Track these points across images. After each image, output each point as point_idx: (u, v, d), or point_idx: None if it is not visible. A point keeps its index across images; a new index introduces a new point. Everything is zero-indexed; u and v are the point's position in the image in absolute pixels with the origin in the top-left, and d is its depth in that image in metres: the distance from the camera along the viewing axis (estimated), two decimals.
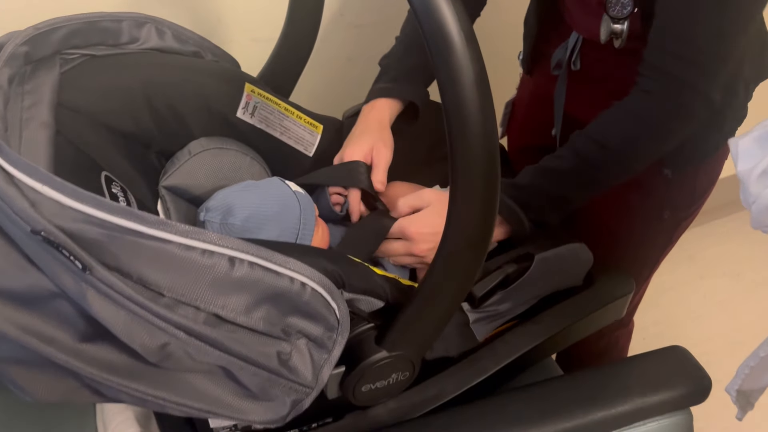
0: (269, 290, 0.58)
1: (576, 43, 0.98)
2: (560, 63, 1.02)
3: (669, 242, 1.13)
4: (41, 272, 0.54)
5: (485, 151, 0.57)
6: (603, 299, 0.93)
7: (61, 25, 0.74)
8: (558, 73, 1.03)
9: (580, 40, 0.97)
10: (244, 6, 1.31)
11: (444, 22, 0.52)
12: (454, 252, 0.61)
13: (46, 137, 0.67)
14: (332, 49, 1.45)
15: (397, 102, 0.98)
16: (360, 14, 1.45)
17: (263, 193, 0.79)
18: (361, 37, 1.46)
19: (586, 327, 0.94)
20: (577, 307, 0.91)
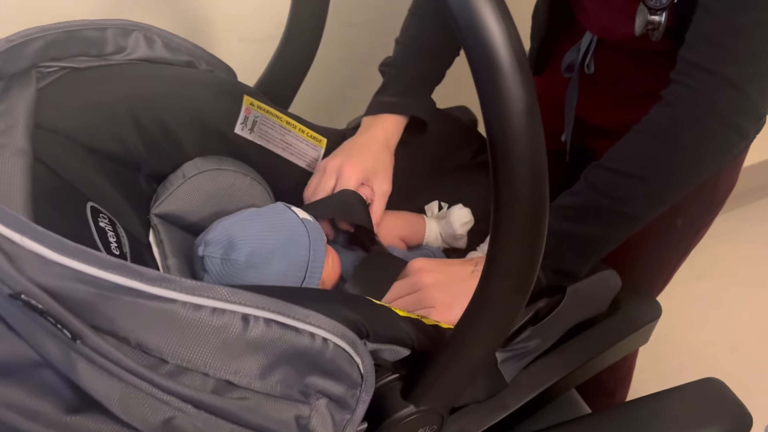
0: (288, 350, 0.51)
1: (590, 44, 0.91)
2: (572, 65, 0.96)
3: (684, 252, 1.08)
4: (21, 339, 0.46)
5: (533, 189, 0.50)
6: (630, 326, 0.87)
7: (37, 36, 0.65)
8: (569, 75, 0.97)
9: (594, 41, 0.91)
10: (230, 4, 1.22)
11: (492, 41, 0.45)
12: (494, 298, 0.54)
13: (22, 167, 0.58)
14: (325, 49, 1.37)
15: (404, 118, 0.92)
16: (354, 12, 1.37)
17: (268, 223, 0.71)
18: (355, 37, 1.38)
19: (612, 356, 0.88)
20: (604, 335, 0.85)
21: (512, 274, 0.53)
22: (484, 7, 0.45)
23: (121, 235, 0.65)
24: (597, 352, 0.84)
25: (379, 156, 0.89)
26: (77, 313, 0.46)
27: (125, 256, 0.64)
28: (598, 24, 0.89)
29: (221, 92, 0.80)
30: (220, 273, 0.68)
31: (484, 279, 0.54)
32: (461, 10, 0.45)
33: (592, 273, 0.79)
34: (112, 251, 0.62)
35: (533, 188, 0.50)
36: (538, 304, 0.72)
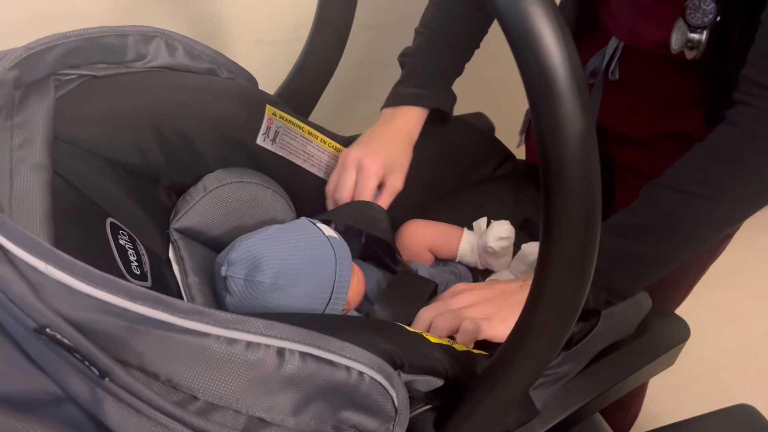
0: (323, 384, 0.48)
1: (615, 50, 0.89)
2: (596, 71, 0.93)
3: (705, 264, 1.05)
4: (45, 374, 0.43)
5: (586, 218, 0.47)
6: (660, 348, 0.84)
7: (57, 43, 0.62)
8: (593, 81, 0.94)
9: (620, 47, 0.88)
10: (246, 6, 1.20)
11: (551, 64, 0.42)
12: (538, 330, 0.52)
13: (41, 183, 0.55)
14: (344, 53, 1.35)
15: (425, 110, 0.90)
16: (373, 15, 1.34)
17: (293, 242, 0.68)
18: (374, 40, 1.35)
19: (639, 378, 0.86)
20: (633, 357, 0.83)
21: (558, 307, 0.51)
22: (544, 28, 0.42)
23: (141, 253, 0.62)
24: (624, 375, 0.82)
25: (400, 151, 0.87)
26: (104, 347, 0.43)
27: (146, 275, 0.61)
28: (626, 29, 0.87)
29: (243, 101, 0.77)
30: (243, 294, 0.65)
31: (529, 308, 0.51)
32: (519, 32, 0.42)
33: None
34: (132, 270, 0.59)
35: (586, 216, 0.47)
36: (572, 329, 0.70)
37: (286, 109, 0.81)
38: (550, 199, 0.46)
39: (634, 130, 0.91)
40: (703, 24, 0.72)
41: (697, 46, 0.74)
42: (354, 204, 0.81)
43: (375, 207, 0.81)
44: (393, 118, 0.88)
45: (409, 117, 0.89)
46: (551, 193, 0.46)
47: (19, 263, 0.43)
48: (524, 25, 0.42)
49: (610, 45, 0.89)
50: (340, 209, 0.82)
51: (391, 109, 0.89)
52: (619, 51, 0.88)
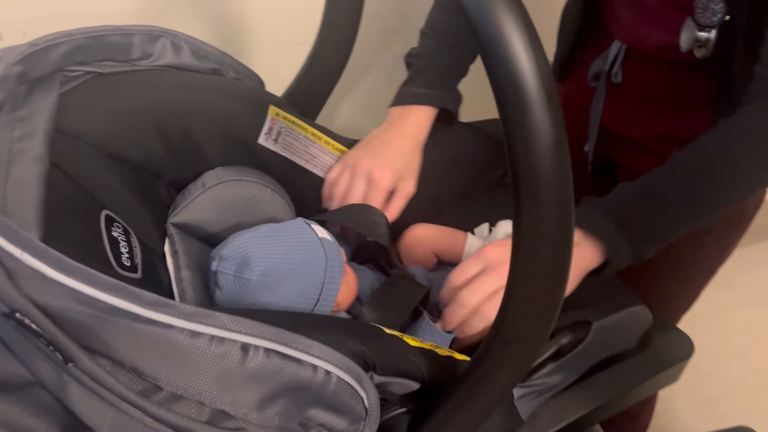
0: (289, 382, 0.49)
1: (618, 53, 0.88)
2: (599, 74, 0.93)
3: (710, 272, 1.03)
4: (15, 358, 0.45)
5: (558, 231, 0.47)
6: (661, 364, 0.82)
7: (63, 41, 0.64)
8: (595, 84, 0.94)
9: (623, 50, 0.88)
10: (269, 8, 1.22)
11: (521, 73, 0.42)
12: (512, 341, 0.51)
13: (37, 174, 0.57)
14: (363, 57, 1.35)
15: (434, 110, 0.90)
16: (394, 19, 1.34)
17: (285, 241, 0.69)
18: (395, 44, 1.36)
19: (639, 393, 0.84)
20: (632, 372, 0.81)
21: (531, 316, 0.51)
22: (513, 35, 0.42)
23: (134, 246, 0.64)
24: (623, 389, 0.80)
25: (410, 156, 0.88)
26: (73, 335, 0.45)
27: (136, 267, 0.63)
28: (629, 32, 0.86)
29: (247, 101, 0.79)
30: (232, 290, 0.66)
31: (501, 317, 0.51)
32: (488, 38, 0.42)
33: (621, 308, 0.75)
34: (122, 262, 0.61)
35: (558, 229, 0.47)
36: (560, 340, 0.69)
37: (291, 110, 0.82)
38: (521, 209, 0.46)
39: (637, 133, 0.90)
40: (712, 23, 0.72)
41: (705, 45, 0.74)
42: (353, 207, 0.82)
43: (374, 210, 0.81)
44: (400, 119, 0.89)
45: (417, 118, 0.89)
46: (521, 202, 0.46)
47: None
48: (493, 31, 0.42)
49: (613, 47, 0.88)
50: (339, 211, 0.82)
51: (398, 108, 0.89)
52: (621, 54, 0.87)
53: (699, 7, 0.73)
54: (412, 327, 0.74)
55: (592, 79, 0.93)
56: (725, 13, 0.71)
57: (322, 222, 0.76)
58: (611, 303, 0.76)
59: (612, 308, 0.74)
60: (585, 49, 0.94)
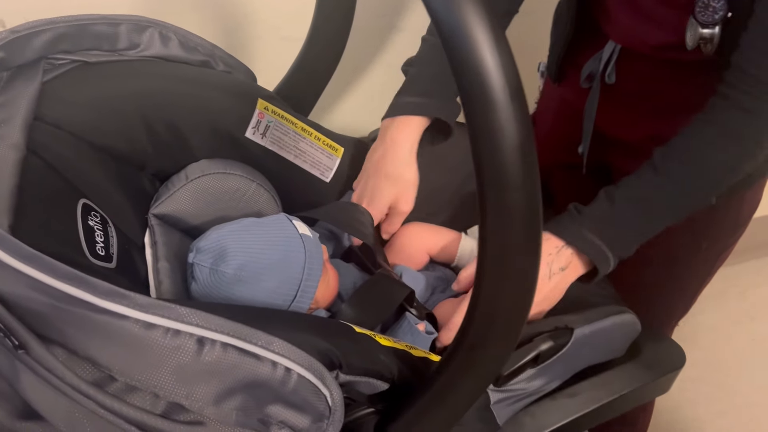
0: (247, 377, 0.48)
1: (612, 53, 0.87)
2: (592, 75, 0.91)
3: (706, 277, 1.01)
4: None
5: (525, 233, 0.45)
6: (649, 373, 0.81)
7: (45, 28, 0.64)
8: (588, 86, 0.92)
9: (617, 50, 0.86)
10: (273, 3, 1.21)
11: (485, 71, 0.41)
12: (477, 345, 0.50)
13: (12, 161, 0.57)
14: (371, 54, 1.35)
15: (426, 120, 0.87)
16: (403, 16, 1.33)
17: (264, 236, 0.68)
18: (403, 42, 1.34)
19: (627, 402, 0.82)
20: (620, 380, 0.80)
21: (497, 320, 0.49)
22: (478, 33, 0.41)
23: (110, 235, 0.64)
24: (610, 397, 0.79)
25: (407, 175, 0.86)
26: (29, 323, 0.45)
27: (111, 257, 0.62)
28: (625, 32, 0.85)
29: (235, 94, 0.78)
30: (207, 283, 0.66)
31: (467, 324, 0.50)
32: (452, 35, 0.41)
33: (607, 316, 0.73)
34: (96, 251, 0.61)
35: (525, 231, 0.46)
36: (540, 346, 0.68)
37: (281, 105, 0.81)
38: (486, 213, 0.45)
39: (632, 135, 0.88)
40: (714, 21, 0.71)
41: (711, 41, 0.73)
42: (339, 205, 0.81)
43: (360, 210, 0.80)
44: (392, 132, 0.86)
45: (409, 130, 0.86)
46: (487, 205, 0.45)
47: None
48: (457, 27, 0.41)
49: (607, 48, 0.87)
50: (326, 210, 0.82)
51: (390, 120, 0.86)
52: (615, 54, 0.85)
53: (700, 5, 0.71)
54: (393, 327, 0.73)
55: (585, 80, 0.91)
56: (727, 10, 0.70)
57: (307, 218, 0.76)
58: (597, 310, 0.74)
59: (597, 315, 0.73)
60: (579, 50, 0.92)
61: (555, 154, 1.04)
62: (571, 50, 0.94)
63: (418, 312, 0.74)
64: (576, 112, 0.94)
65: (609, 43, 0.86)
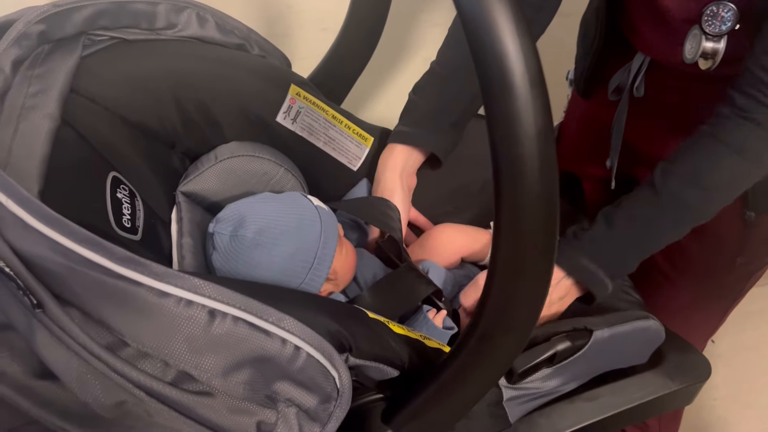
0: (255, 352, 0.48)
1: (641, 66, 0.84)
2: (620, 88, 0.89)
3: (738, 295, 0.98)
4: None
5: (541, 223, 0.45)
6: (672, 383, 0.79)
7: (86, 4, 0.66)
8: (616, 98, 0.90)
9: (646, 62, 0.84)
10: None
11: (505, 57, 0.41)
12: (488, 335, 0.50)
13: (46, 130, 0.59)
14: (408, 49, 1.34)
15: (410, 149, 0.85)
16: (441, 12, 1.33)
17: (281, 205, 0.70)
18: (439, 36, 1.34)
19: (648, 411, 0.80)
20: (640, 388, 0.78)
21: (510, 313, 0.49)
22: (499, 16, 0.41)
23: (138, 209, 0.65)
24: (628, 404, 0.77)
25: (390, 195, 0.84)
26: (47, 283, 0.46)
27: (137, 229, 0.64)
28: (651, 47, 0.83)
29: (268, 79, 0.79)
30: (227, 250, 0.67)
31: (479, 314, 0.50)
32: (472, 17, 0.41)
33: (629, 320, 0.72)
34: (123, 223, 0.62)
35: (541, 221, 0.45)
36: (556, 346, 0.67)
37: (314, 91, 0.82)
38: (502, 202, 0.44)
39: (661, 150, 0.85)
40: (720, 32, 0.69)
41: (713, 56, 0.71)
42: (369, 200, 0.82)
43: (390, 206, 0.81)
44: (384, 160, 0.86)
45: (396, 156, 0.85)
46: (503, 195, 0.44)
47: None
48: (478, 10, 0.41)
49: (636, 60, 0.84)
50: (356, 203, 0.82)
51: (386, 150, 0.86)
52: (644, 67, 0.83)
53: (708, 14, 0.69)
54: (411, 318, 0.73)
55: (612, 92, 0.89)
56: (735, 22, 0.68)
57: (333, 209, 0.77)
58: (620, 314, 0.73)
59: (619, 319, 0.71)
60: (606, 63, 0.90)
61: (581, 167, 1.03)
62: (599, 64, 0.92)
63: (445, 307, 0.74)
64: (603, 125, 0.92)
65: (638, 54, 0.84)
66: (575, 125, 1.04)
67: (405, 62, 1.38)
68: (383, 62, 1.04)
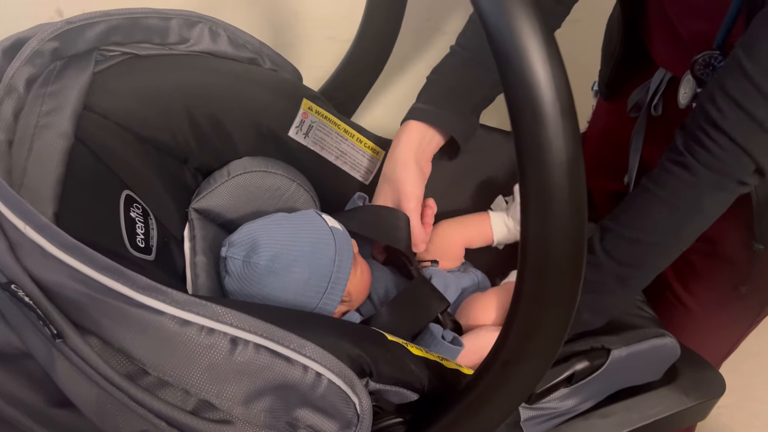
0: (277, 379, 0.48)
1: (660, 84, 0.84)
2: (639, 105, 0.88)
3: (750, 323, 0.96)
4: (11, 328, 0.46)
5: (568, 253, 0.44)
6: (686, 400, 0.78)
7: (99, 20, 0.65)
8: (635, 115, 0.89)
9: (665, 81, 0.83)
10: (323, 3, 1.21)
11: (536, 85, 0.40)
12: (512, 362, 0.49)
13: (60, 149, 0.58)
14: (415, 56, 1.34)
15: (424, 126, 0.81)
16: (448, 20, 1.32)
17: (295, 228, 0.69)
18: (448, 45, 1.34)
19: (662, 427, 0.80)
20: (655, 405, 0.77)
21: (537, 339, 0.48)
22: (530, 44, 0.40)
23: (151, 227, 0.65)
24: (643, 421, 0.77)
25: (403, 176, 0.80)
26: (66, 312, 0.45)
27: (150, 249, 0.63)
28: (666, 60, 0.82)
29: (280, 93, 0.78)
30: (240, 275, 0.66)
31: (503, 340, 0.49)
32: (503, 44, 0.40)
33: (645, 339, 0.71)
34: (137, 243, 0.62)
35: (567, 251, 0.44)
36: (575, 366, 0.66)
37: (325, 105, 0.81)
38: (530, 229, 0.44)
39: None
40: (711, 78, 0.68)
41: None
42: (376, 210, 0.80)
43: (398, 215, 0.79)
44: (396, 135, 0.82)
45: (407, 132, 0.81)
46: (530, 222, 0.43)
47: (4, 221, 0.45)
48: (509, 37, 0.40)
49: (656, 78, 0.84)
50: (361, 218, 0.80)
51: (401, 127, 0.82)
52: (663, 85, 0.82)
53: (699, 62, 0.69)
54: (420, 336, 0.72)
55: (631, 110, 0.88)
56: None
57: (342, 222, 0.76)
58: (636, 332, 0.72)
59: (636, 338, 0.71)
60: (627, 74, 0.90)
61: (600, 180, 1.02)
62: (620, 72, 0.91)
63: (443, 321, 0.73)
64: (621, 140, 0.91)
65: (658, 72, 0.83)
66: (596, 138, 1.03)
67: (413, 71, 1.37)
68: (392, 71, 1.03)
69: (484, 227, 0.86)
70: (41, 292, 0.44)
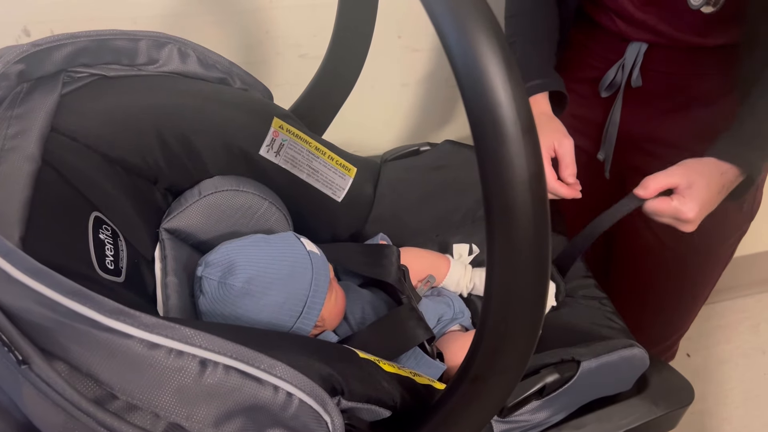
0: (248, 401, 0.48)
1: (636, 57, 0.87)
2: (613, 84, 0.92)
3: (705, 283, 1.05)
4: None
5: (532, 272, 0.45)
6: (657, 409, 0.79)
7: (66, 42, 0.65)
8: (608, 95, 0.94)
9: (641, 53, 0.86)
10: (294, 20, 1.22)
11: (496, 104, 0.41)
12: (480, 377, 0.50)
13: (26, 172, 0.57)
14: (385, 73, 1.35)
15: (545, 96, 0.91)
16: (419, 38, 1.34)
17: (272, 251, 0.69)
18: (417, 63, 1.35)
19: None
20: (626, 415, 0.79)
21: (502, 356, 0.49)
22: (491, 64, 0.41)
23: (120, 249, 0.64)
24: (615, 430, 0.78)
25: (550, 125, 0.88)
26: (33, 337, 0.45)
27: (120, 271, 0.63)
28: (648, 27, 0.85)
29: (251, 112, 0.79)
30: (215, 296, 0.66)
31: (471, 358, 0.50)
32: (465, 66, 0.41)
33: (615, 350, 0.72)
34: (106, 265, 0.61)
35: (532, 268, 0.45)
36: (545, 378, 0.67)
37: (296, 124, 0.82)
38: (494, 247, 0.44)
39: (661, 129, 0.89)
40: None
41: (716, 3, 0.74)
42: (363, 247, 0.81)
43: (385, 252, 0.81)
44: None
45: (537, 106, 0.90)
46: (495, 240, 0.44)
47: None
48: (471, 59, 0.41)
49: (630, 53, 0.87)
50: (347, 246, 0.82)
51: None
52: (640, 58, 0.86)
53: None
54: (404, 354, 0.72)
55: (606, 89, 0.93)
56: None
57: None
58: (606, 344, 0.73)
59: (605, 349, 0.72)
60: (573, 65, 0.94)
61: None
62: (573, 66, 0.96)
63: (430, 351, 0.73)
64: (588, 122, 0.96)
65: (631, 47, 0.87)
66: None
67: (385, 88, 1.38)
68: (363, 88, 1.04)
69: (440, 269, 0.89)
70: (5, 317, 0.44)
